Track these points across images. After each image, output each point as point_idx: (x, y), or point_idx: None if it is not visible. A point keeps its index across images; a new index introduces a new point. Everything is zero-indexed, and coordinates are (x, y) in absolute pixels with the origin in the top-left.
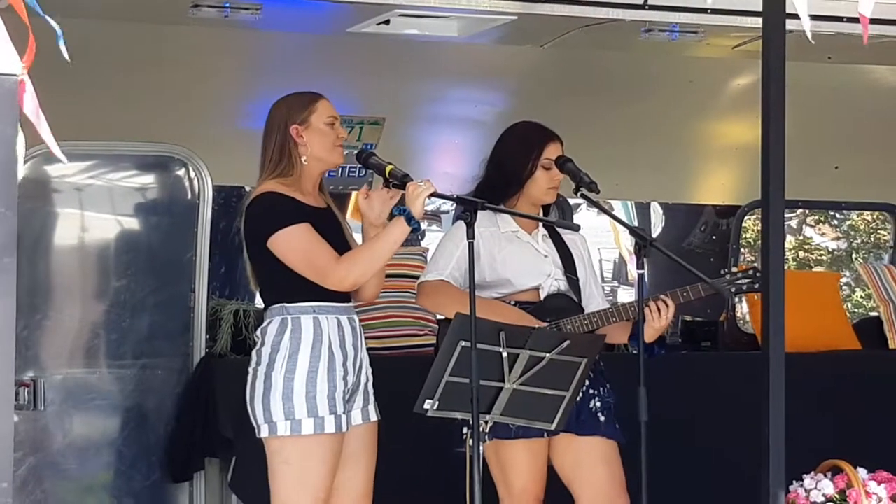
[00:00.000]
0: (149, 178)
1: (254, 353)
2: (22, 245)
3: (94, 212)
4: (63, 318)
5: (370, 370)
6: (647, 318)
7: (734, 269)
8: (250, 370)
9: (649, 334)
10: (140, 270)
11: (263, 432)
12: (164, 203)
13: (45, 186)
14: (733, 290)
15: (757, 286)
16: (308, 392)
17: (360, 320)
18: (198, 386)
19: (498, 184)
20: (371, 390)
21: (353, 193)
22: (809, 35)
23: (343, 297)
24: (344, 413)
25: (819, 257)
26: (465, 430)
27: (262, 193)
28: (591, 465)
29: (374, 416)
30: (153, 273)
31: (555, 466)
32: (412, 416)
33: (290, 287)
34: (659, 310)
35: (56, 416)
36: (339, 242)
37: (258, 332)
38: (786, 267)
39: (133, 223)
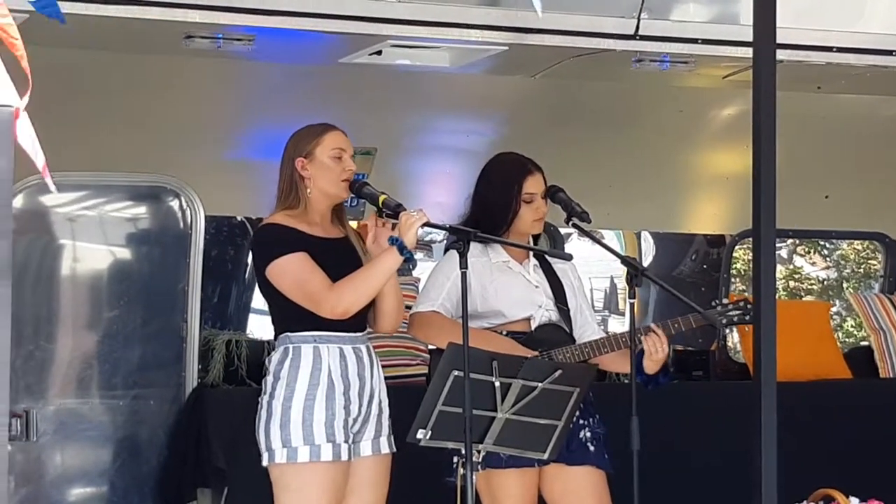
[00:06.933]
0: (141, 209)
1: (262, 382)
2: (14, 275)
3: (87, 242)
4: (55, 349)
5: (385, 402)
6: (646, 350)
7: (725, 301)
8: (259, 399)
9: (650, 366)
10: (132, 301)
11: (265, 460)
12: (157, 233)
13: (37, 217)
14: (724, 321)
15: (748, 318)
16: (305, 420)
17: None
18: (190, 416)
19: (485, 224)
20: (385, 422)
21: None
22: None
23: (349, 326)
24: (346, 442)
25: (809, 287)
26: (455, 459)
27: (263, 225)
28: (580, 494)
29: (385, 449)
30: (145, 303)
31: (544, 495)
32: (404, 445)
33: (293, 316)
34: (656, 343)
35: (48, 446)
36: (353, 271)
37: (266, 361)
38: (776, 296)
39: (125, 253)
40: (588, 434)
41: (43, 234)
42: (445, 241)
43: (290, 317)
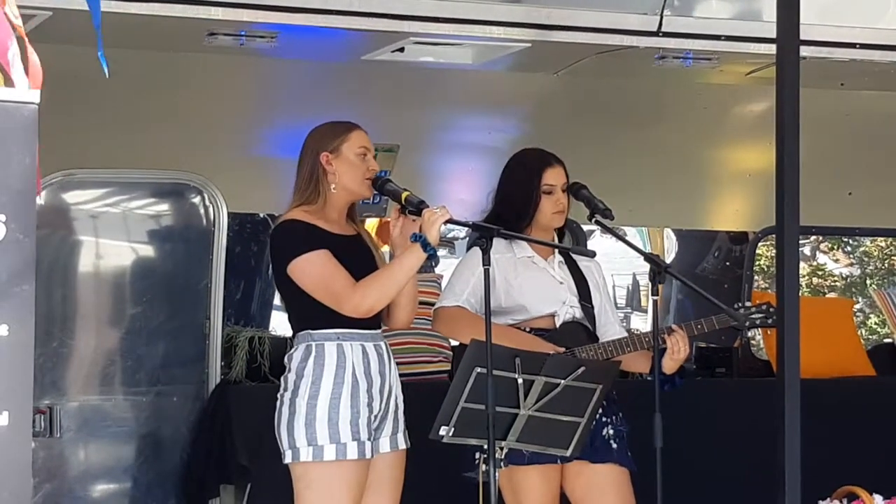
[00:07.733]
0: (164, 206)
1: (282, 378)
2: (37, 272)
3: (110, 239)
4: (79, 345)
5: (401, 398)
6: (668, 348)
7: (748, 304)
8: (278, 396)
9: (670, 365)
10: (155, 297)
11: (287, 458)
12: (180, 230)
13: (60, 213)
14: (747, 324)
15: (770, 321)
16: (330, 418)
17: None
18: (213, 412)
19: (507, 217)
20: (401, 418)
21: (368, 222)
22: None
23: (369, 323)
24: (369, 439)
25: (832, 284)
26: (476, 455)
27: (283, 221)
28: (602, 491)
29: (402, 445)
30: (168, 300)
31: (566, 492)
32: (426, 442)
33: (314, 314)
34: (679, 341)
35: (72, 443)
36: (368, 270)
37: (286, 359)
38: (800, 293)
39: (148, 250)
40: (611, 431)
41: (66, 230)
42: (468, 238)
43: (310, 314)
